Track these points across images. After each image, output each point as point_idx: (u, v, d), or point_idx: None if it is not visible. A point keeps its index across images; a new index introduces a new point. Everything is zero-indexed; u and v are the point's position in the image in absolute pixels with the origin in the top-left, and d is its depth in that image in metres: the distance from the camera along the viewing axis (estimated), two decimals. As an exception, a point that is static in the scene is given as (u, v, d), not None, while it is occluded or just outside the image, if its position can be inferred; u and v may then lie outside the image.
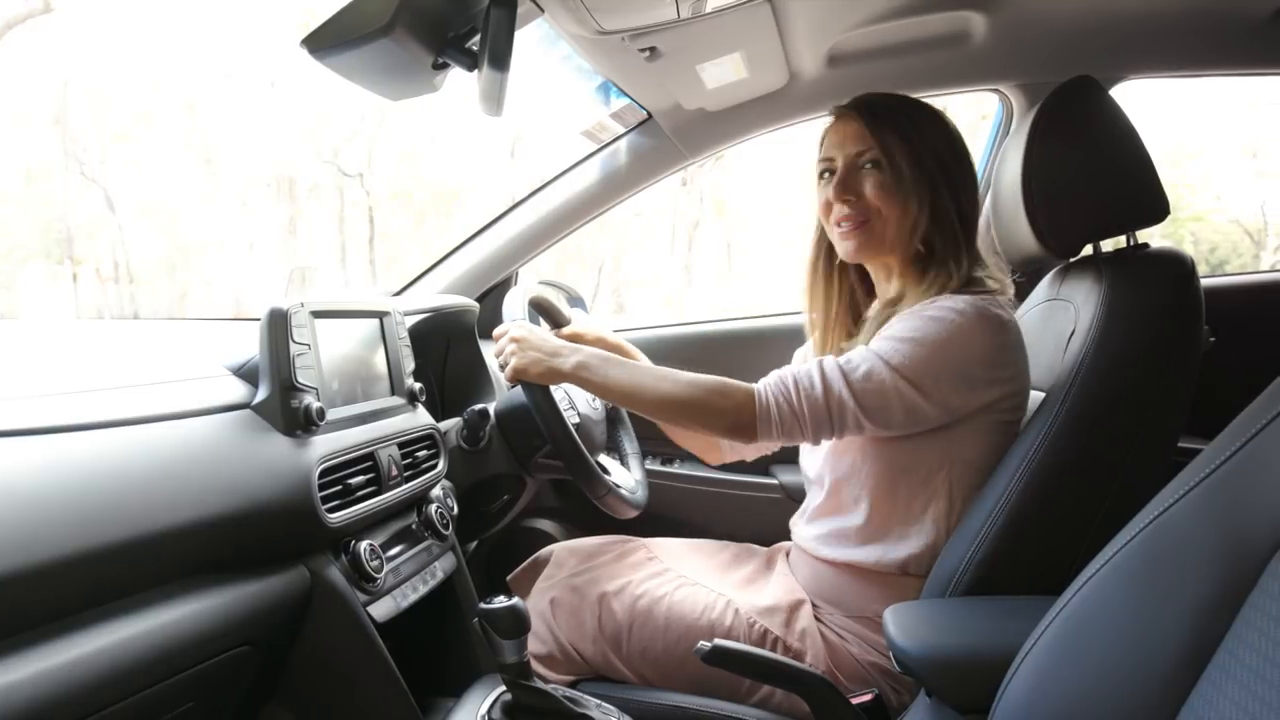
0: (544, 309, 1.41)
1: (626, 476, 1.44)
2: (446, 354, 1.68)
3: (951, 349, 1.04)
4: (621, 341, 1.43)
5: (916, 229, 1.13)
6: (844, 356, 1.08)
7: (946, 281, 1.12)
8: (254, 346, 1.02)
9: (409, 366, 1.27)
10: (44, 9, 5.26)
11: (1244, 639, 0.50)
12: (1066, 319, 1.13)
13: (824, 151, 1.19)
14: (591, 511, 1.35)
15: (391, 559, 1.11)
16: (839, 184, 1.15)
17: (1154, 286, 1.06)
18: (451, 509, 1.28)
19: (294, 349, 1.00)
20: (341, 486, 1.02)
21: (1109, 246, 1.18)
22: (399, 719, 1.05)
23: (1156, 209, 1.09)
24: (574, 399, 1.38)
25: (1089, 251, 1.18)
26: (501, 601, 0.91)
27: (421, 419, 1.26)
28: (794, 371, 1.08)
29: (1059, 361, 1.09)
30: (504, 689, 0.97)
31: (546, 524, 1.89)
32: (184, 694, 0.85)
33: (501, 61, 0.93)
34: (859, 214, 1.14)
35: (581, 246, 6.44)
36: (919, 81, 1.64)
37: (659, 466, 1.87)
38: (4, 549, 0.65)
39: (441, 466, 1.26)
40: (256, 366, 1.00)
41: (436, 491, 1.27)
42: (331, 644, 1.00)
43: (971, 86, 1.76)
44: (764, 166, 6.57)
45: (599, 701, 0.97)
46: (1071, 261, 1.22)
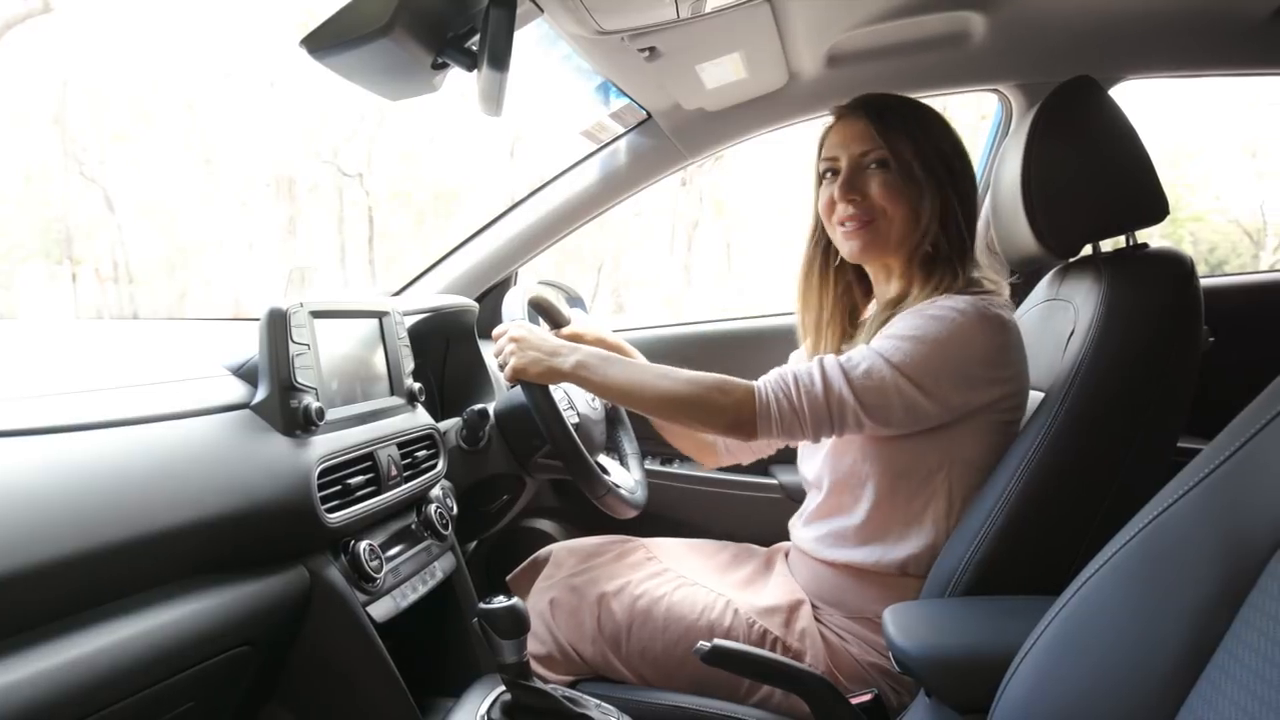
0: (543, 309, 1.41)
1: (626, 476, 1.44)
2: (446, 354, 1.68)
3: (952, 348, 1.04)
4: (621, 341, 1.43)
5: (923, 230, 1.13)
6: (845, 355, 1.08)
7: (951, 282, 1.12)
8: (253, 346, 1.02)
9: (408, 366, 1.27)
10: (43, 9, 5.25)
11: (1243, 639, 0.50)
12: (1066, 319, 1.13)
13: (826, 151, 1.18)
14: (591, 511, 1.35)
15: (391, 559, 1.11)
16: (845, 183, 1.15)
17: (1153, 287, 1.06)
18: (451, 509, 1.28)
19: (293, 349, 1.00)
20: (341, 486, 1.02)
21: (1108, 246, 1.18)
22: (398, 719, 1.05)
23: (1156, 209, 1.09)
24: (573, 399, 1.38)
25: (1088, 251, 1.18)
26: (501, 601, 0.91)
27: (421, 419, 1.26)
28: (794, 369, 1.08)
29: (1058, 361, 1.09)
30: (503, 689, 0.97)
31: (546, 524, 1.89)
32: (183, 694, 0.85)
33: (501, 61, 0.93)
34: (864, 214, 1.14)
35: (581, 246, 6.43)
36: (918, 81, 1.64)
37: (658, 466, 1.87)
38: (3, 549, 0.65)
39: (441, 466, 1.26)
40: (256, 366, 1.00)
41: (436, 491, 1.27)
42: (331, 644, 1.00)
43: (971, 86, 1.76)
44: (763, 167, 6.56)
45: (598, 701, 0.97)
46: (1071, 262, 1.22)
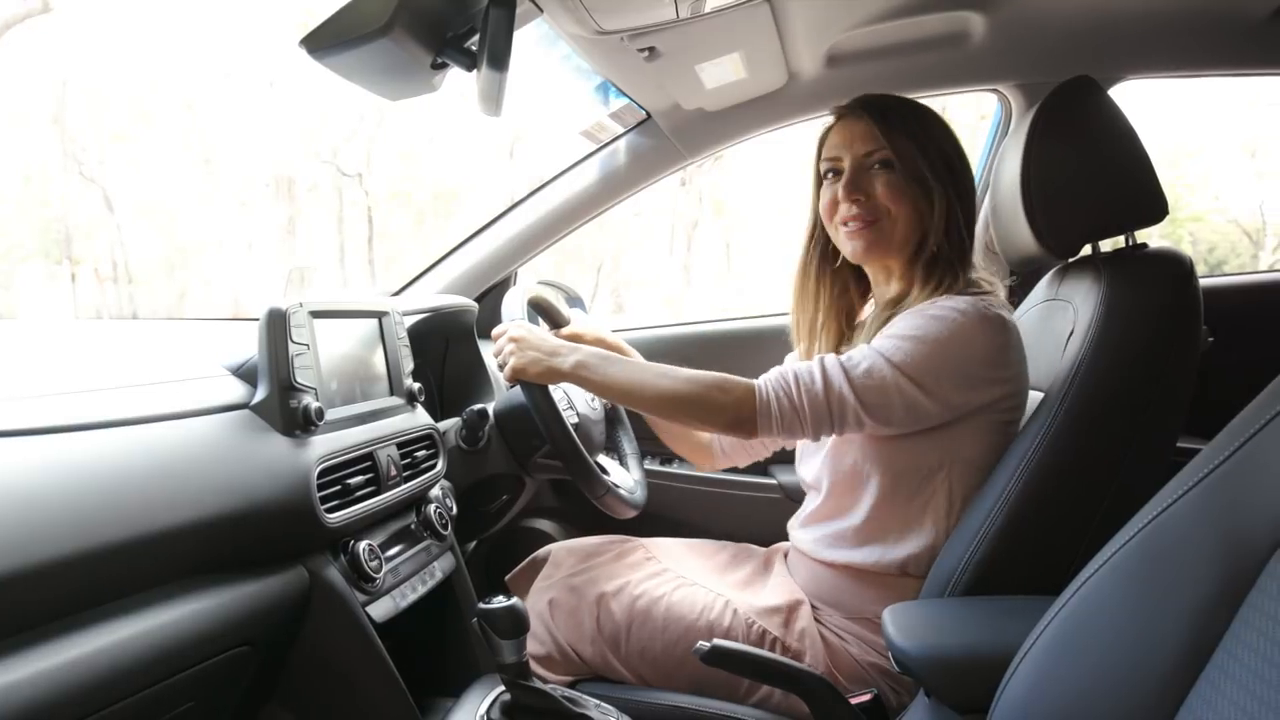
0: (543, 309, 1.41)
1: (625, 476, 1.44)
2: (445, 354, 1.68)
3: (953, 347, 1.04)
4: (620, 341, 1.43)
5: (926, 230, 1.13)
6: (845, 354, 1.08)
7: (952, 283, 1.12)
8: (253, 346, 1.02)
9: (408, 366, 1.27)
10: (42, 9, 5.25)
11: (1242, 639, 0.50)
12: (1065, 319, 1.13)
13: (828, 151, 1.18)
14: (590, 511, 1.35)
15: (390, 559, 1.11)
16: (849, 183, 1.14)
17: (1153, 286, 1.06)
18: (450, 509, 1.28)
19: (293, 349, 1.00)
20: (340, 486, 1.02)
21: (1108, 246, 1.18)
22: (398, 719, 1.05)
23: (1155, 209, 1.09)
24: (573, 399, 1.38)
25: (1088, 251, 1.18)
26: (500, 601, 0.91)
27: (420, 419, 1.25)
28: (794, 368, 1.08)
29: (1058, 361, 1.09)
30: (503, 689, 0.97)
31: (545, 524, 1.89)
32: (183, 694, 0.85)
33: (500, 61, 0.93)
34: (869, 214, 1.14)
35: (580, 246, 6.43)
36: (918, 81, 1.64)
37: (658, 466, 1.87)
38: (3, 549, 0.65)
39: (440, 466, 1.26)
40: (255, 366, 1.00)
41: (435, 491, 1.27)
42: (330, 644, 1.00)
43: (970, 86, 1.76)
44: (763, 167, 6.56)
45: (598, 701, 0.97)
46: (1070, 262, 1.22)
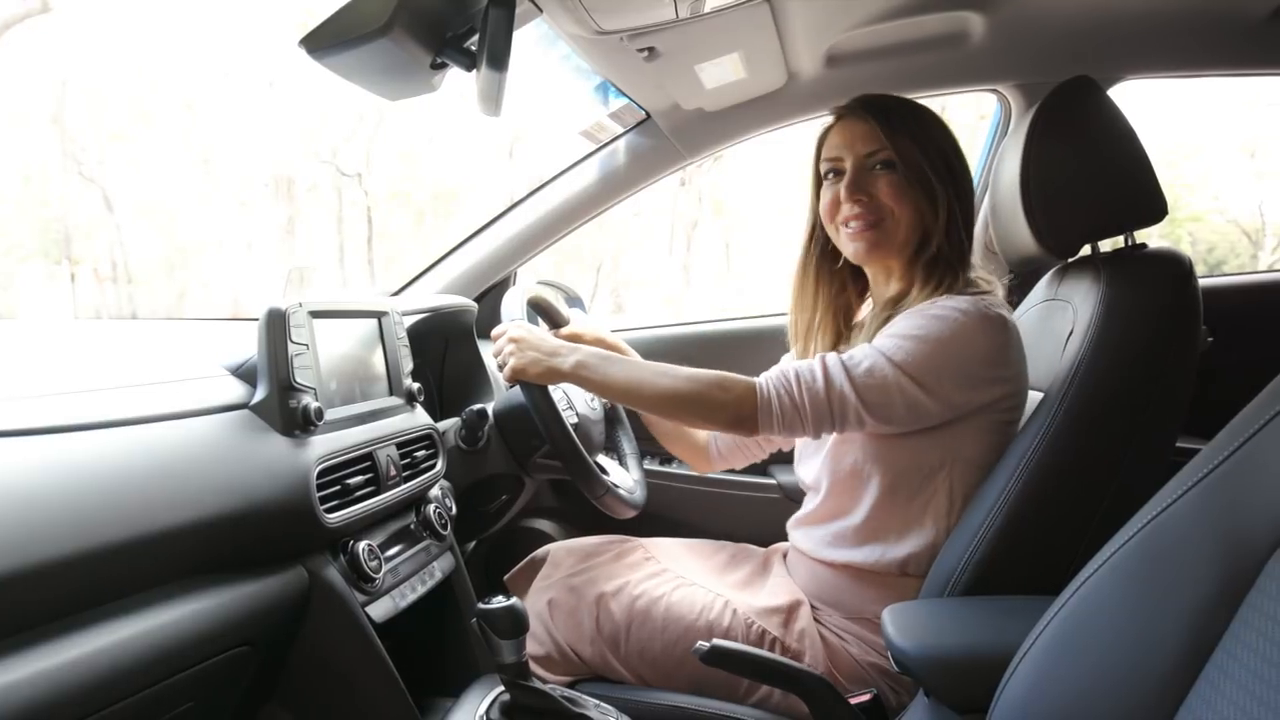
0: (542, 309, 1.41)
1: (625, 476, 1.44)
2: (445, 354, 1.68)
3: (954, 346, 1.04)
4: (619, 341, 1.43)
5: (927, 230, 1.13)
6: (847, 353, 1.08)
7: (953, 283, 1.12)
8: (252, 346, 1.02)
9: (407, 366, 1.27)
10: (42, 9, 5.24)
11: (1242, 639, 0.50)
12: (1065, 319, 1.13)
13: (828, 152, 1.18)
14: (590, 511, 1.35)
15: (390, 559, 1.11)
16: (851, 184, 1.14)
17: (1152, 286, 1.06)
18: (450, 509, 1.28)
19: (292, 349, 0.99)
20: (340, 487, 1.02)
21: (1107, 246, 1.18)
22: (397, 719, 1.05)
23: (1155, 209, 1.09)
24: (572, 399, 1.38)
25: (1087, 251, 1.18)
26: (500, 602, 0.91)
27: (420, 419, 1.25)
28: (796, 365, 1.08)
29: (1057, 361, 1.09)
30: (502, 689, 0.97)
31: (545, 524, 1.89)
32: (183, 694, 0.85)
33: (500, 61, 0.93)
34: (871, 215, 1.13)
35: (580, 246, 6.43)
36: (917, 82, 1.64)
37: (657, 466, 1.86)
38: (3, 549, 0.65)
39: (440, 466, 1.26)
40: (255, 366, 1.00)
41: (435, 491, 1.27)
42: (330, 644, 1.00)
43: (970, 86, 1.76)
44: (762, 167, 6.56)
45: (597, 702, 0.97)
46: (1070, 262, 1.22)
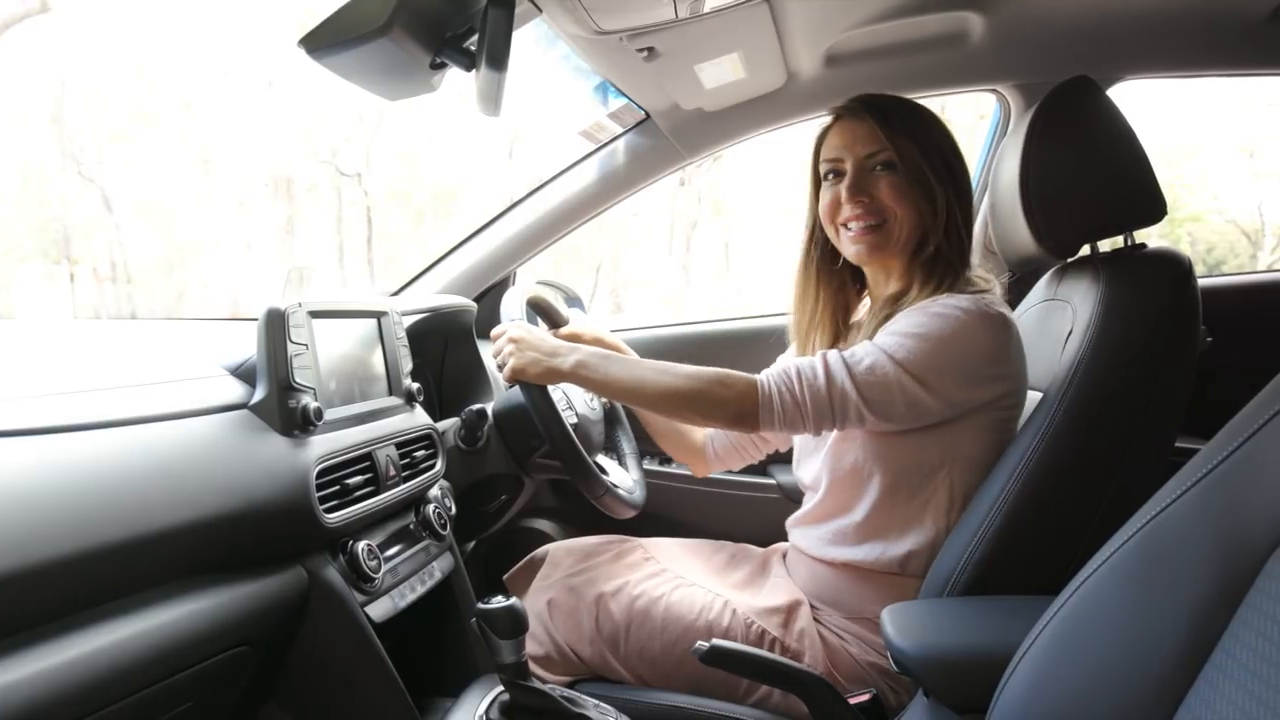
0: (542, 309, 1.41)
1: (624, 476, 1.44)
2: (444, 354, 1.68)
3: (955, 344, 1.04)
4: (618, 341, 1.43)
5: (927, 230, 1.13)
6: (848, 350, 1.08)
7: (953, 282, 1.12)
8: (251, 346, 1.01)
9: (407, 366, 1.27)
10: (41, 9, 5.24)
11: (1241, 639, 0.50)
12: (1064, 319, 1.13)
13: (828, 152, 1.18)
14: (589, 511, 1.35)
15: (389, 559, 1.11)
16: (852, 185, 1.14)
17: (1151, 287, 1.07)
18: (449, 509, 1.28)
19: (291, 349, 0.99)
20: (339, 487, 1.02)
21: (1106, 246, 1.18)
22: (397, 719, 1.05)
23: (1154, 209, 1.10)
24: (572, 399, 1.38)
25: (1086, 251, 1.18)
26: (499, 602, 0.91)
27: (419, 419, 1.25)
28: (797, 362, 1.09)
29: (1057, 361, 1.09)
30: (502, 689, 0.97)
31: (544, 524, 1.89)
32: (182, 694, 0.85)
33: (499, 61, 0.93)
34: (873, 216, 1.13)
35: (579, 246, 6.43)
36: (917, 82, 1.64)
37: (657, 466, 1.86)
38: (1, 549, 0.65)
39: (439, 466, 1.26)
40: (254, 366, 1.00)
41: (434, 492, 1.27)
42: (329, 644, 1.00)
43: (969, 87, 1.76)
44: (762, 167, 6.56)
45: (596, 702, 0.97)
46: (1069, 262, 1.23)
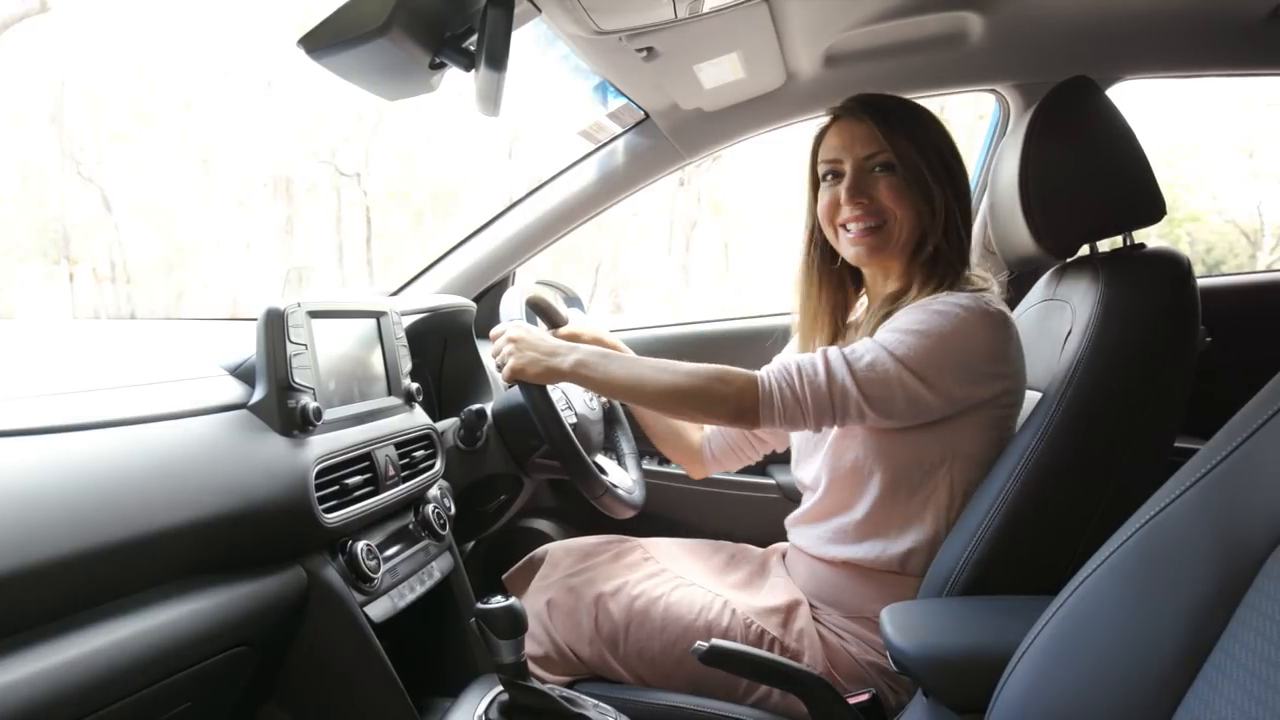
0: (541, 309, 1.41)
1: (624, 476, 1.44)
2: (444, 354, 1.68)
3: (955, 341, 1.04)
4: (618, 341, 1.43)
5: (926, 231, 1.13)
6: (848, 347, 1.08)
7: (954, 281, 1.13)
8: (251, 346, 1.01)
9: (406, 366, 1.26)
10: (40, 9, 5.25)
11: (1240, 639, 0.50)
12: (1063, 319, 1.13)
13: (827, 153, 1.18)
14: (589, 511, 1.35)
15: (389, 559, 1.11)
16: (851, 187, 1.14)
17: (1150, 287, 1.07)
18: (449, 509, 1.28)
19: (291, 349, 0.99)
20: (338, 486, 1.02)
21: (1105, 246, 1.18)
22: (396, 719, 1.05)
23: (1153, 209, 1.10)
24: (571, 399, 1.38)
25: (1085, 251, 1.18)
26: (499, 602, 0.91)
27: (418, 419, 1.25)
28: (797, 359, 1.08)
29: (1056, 361, 1.09)
30: (501, 689, 0.97)
31: (544, 524, 1.89)
32: (181, 694, 0.85)
33: (499, 61, 0.93)
34: (872, 217, 1.13)
35: (579, 246, 6.44)
36: (916, 82, 1.64)
37: (656, 466, 1.86)
38: (1, 549, 0.65)
39: (439, 466, 1.26)
40: (253, 366, 1.00)
41: (434, 491, 1.27)
42: (328, 644, 1.00)
43: (968, 87, 1.76)
44: (761, 167, 6.57)
45: (596, 702, 0.97)
46: (1068, 261, 1.23)
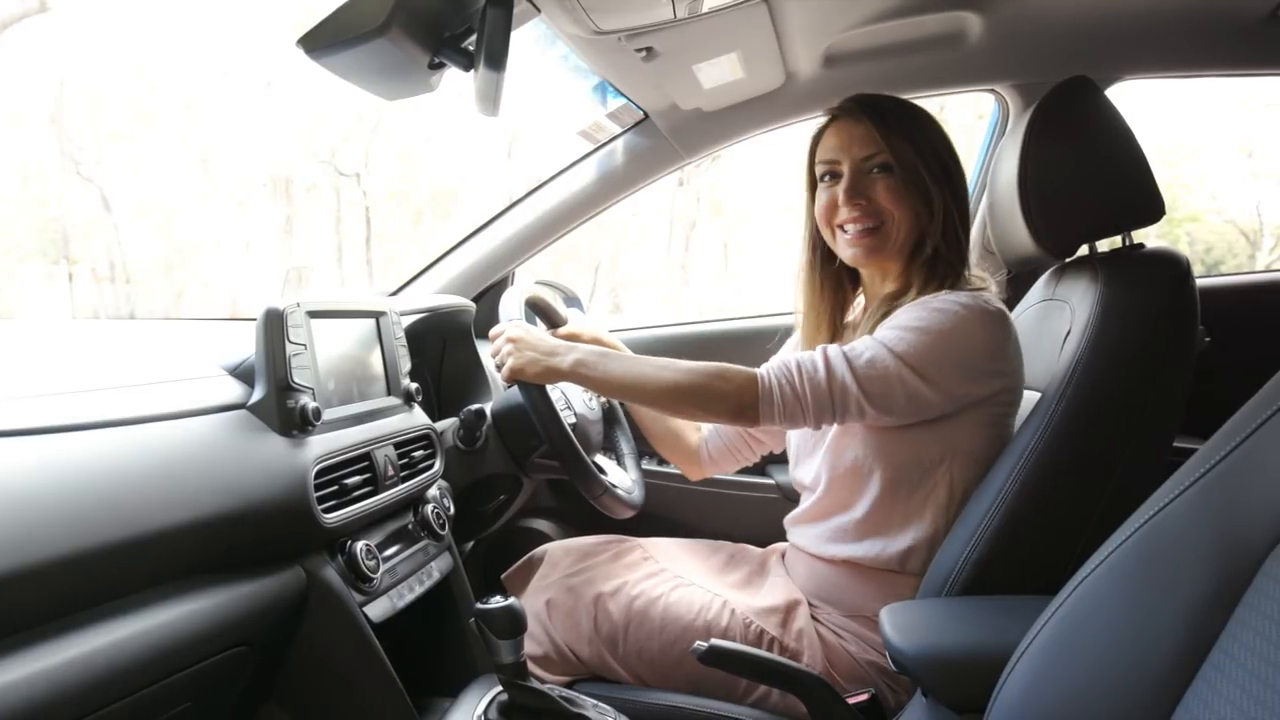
0: (540, 309, 1.41)
1: (623, 476, 1.44)
2: (443, 354, 1.68)
3: (955, 339, 1.04)
4: (617, 341, 1.43)
5: (924, 231, 1.13)
6: (848, 345, 1.08)
7: (956, 281, 1.13)
8: (250, 346, 1.01)
9: (405, 366, 1.26)
10: (40, 9, 5.24)
11: (1239, 639, 0.50)
12: (1062, 319, 1.13)
13: (824, 154, 1.18)
14: (588, 511, 1.35)
15: (388, 559, 1.11)
16: (849, 188, 1.14)
17: (1150, 287, 1.07)
18: (448, 509, 1.28)
19: (290, 349, 0.99)
20: (338, 487, 1.02)
21: (1104, 246, 1.18)
22: (395, 719, 1.05)
23: (1152, 209, 1.10)
24: (570, 399, 1.38)
25: (1085, 251, 1.18)
26: (498, 602, 0.91)
27: (418, 419, 1.25)
28: (797, 356, 1.09)
29: (1055, 361, 1.09)
30: (500, 689, 0.97)
31: (543, 524, 1.89)
32: (181, 694, 0.85)
33: (498, 61, 0.93)
34: (870, 218, 1.13)
35: (578, 246, 6.43)
36: (915, 82, 1.65)
37: (655, 466, 1.86)
38: (0, 549, 0.65)
39: (438, 466, 1.26)
40: (252, 366, 1.00)
41: (433, 491, 1.27)
42: (328, 644, 1.00)
43: (968, 87, 1.77)
44: (760, 167, 6.56)
45: (595, 702, 0.97)
46: (1067, 262, 1.23)
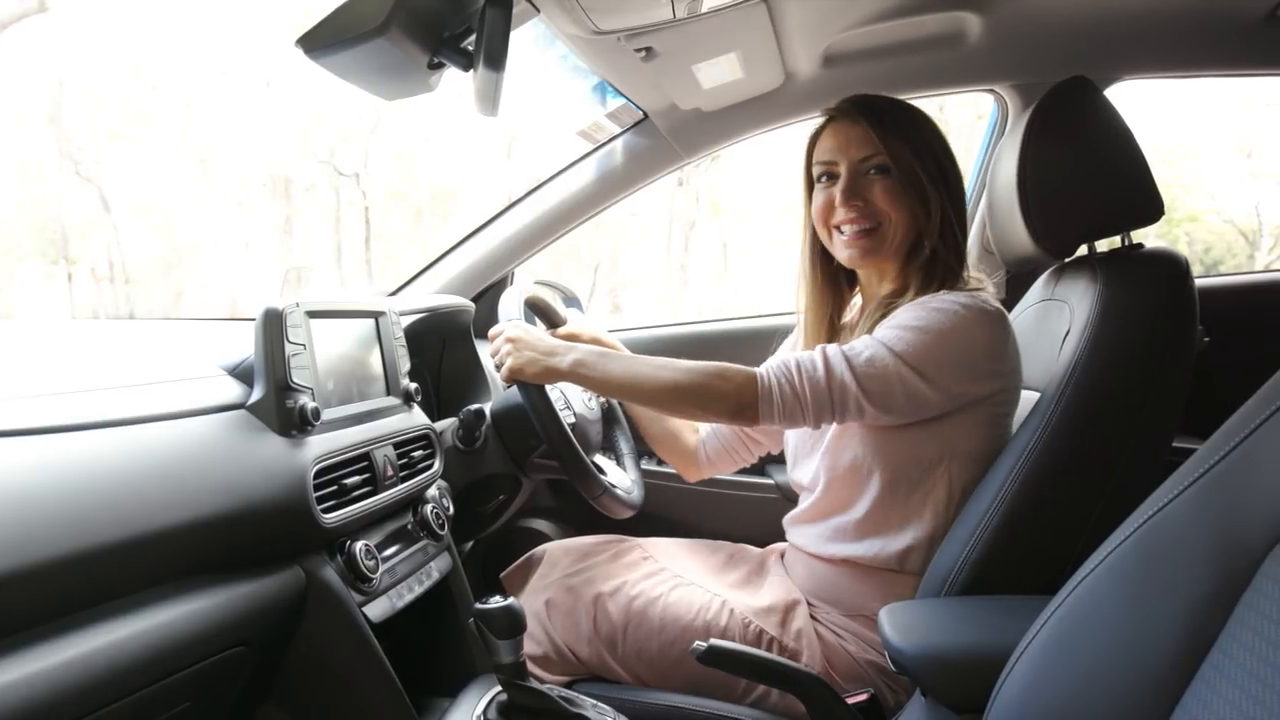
0: (539, 309, 1.41)
1: (622, 476, 1.44)
2: (442, 354, 1.68)
3: (954, 338, 1.05)
4: (616, 341, 1.43)
5: (921, 233, 1.13)
6: (847, 344, 1.08)
7: (953, 282, 1.13)
8: (249, 346, 1.01)
9: (404, 366, 1.26)
10: (39, 8, 5.24)
11: (1238, 639, 0.50)
12: (1061, 319, 1.13)
13: (822, 154, 1.18)
14: (587, 511, 1.35)
15: (387, 559, 1.11)
16: (846, 190, 1.14)
17: (1149, 287, 1.07)
18: (447, 509, 1.28)
19: (289, 349, 0.99)
20: (337, 486, 1.02)
21: (1104, 247, 1.18)
22: (394, 719, 1.05)
23: (1151, 209, 1.10)
24: (569, 399, 1.38)
25: (1084, 252, 1.18)
26: (497, 601, 0.91)
27: (417, 419, 1.25)
28: (797, 356, 1.09)
29: (1054, 361, 1.09)
30: (499, 689, 0.97)
31: (542, 524, 1.89)
32: (180, 694, 0.85)
33: (497, 61, 0.93)
34: (868, 219, 1.13)
35: (577, 246, 6.43)
36: (914, 82, 1.65)
37: (655, 466, 1.86)
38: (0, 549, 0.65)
39: (437, 466, 1.26)
40: (252, 366, 1.00)
41: (432, 491, 1.26)
42: (327, 644, 1.00)
43: (967, 87, 1.77)
44: (759, 167, 6.56)
45: (595, 701, 0.97)
46: (1066, 262, 1.23)
